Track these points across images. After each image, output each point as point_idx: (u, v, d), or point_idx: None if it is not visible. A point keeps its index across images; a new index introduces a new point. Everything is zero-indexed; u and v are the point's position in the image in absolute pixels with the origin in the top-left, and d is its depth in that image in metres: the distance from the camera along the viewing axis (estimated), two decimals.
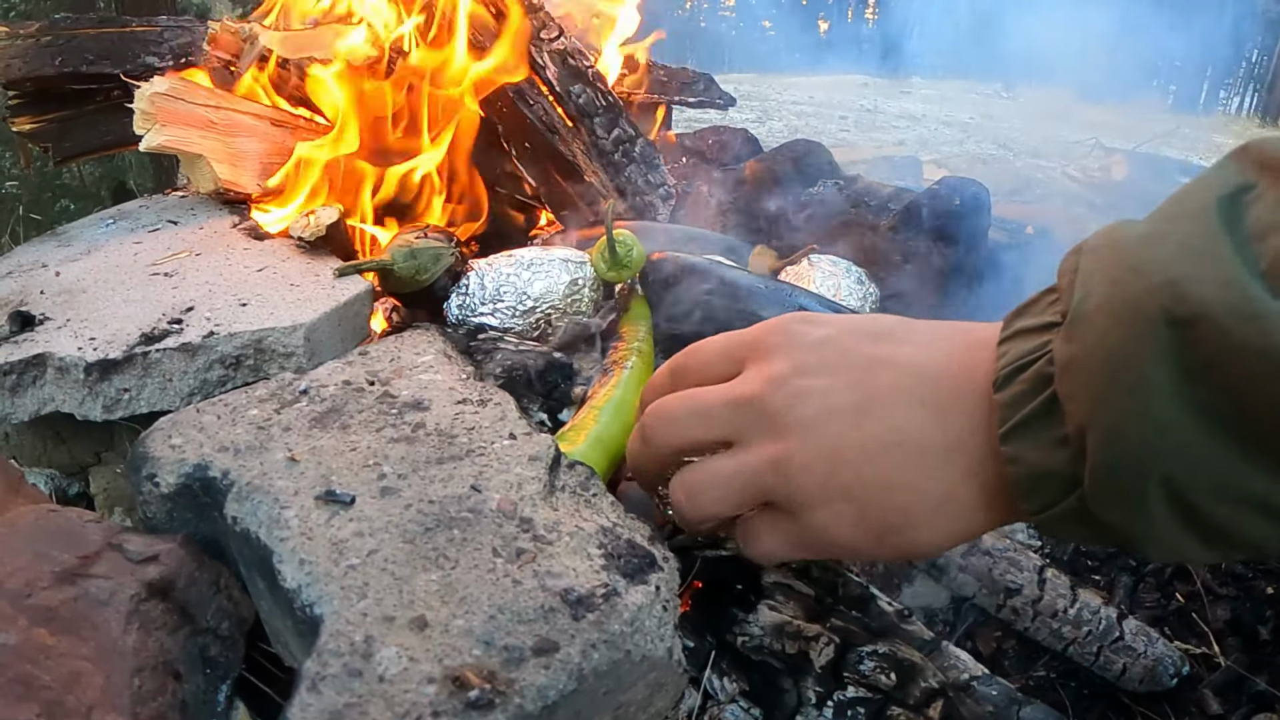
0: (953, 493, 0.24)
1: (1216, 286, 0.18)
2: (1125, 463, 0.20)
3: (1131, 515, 0.21)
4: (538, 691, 0.38)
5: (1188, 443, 0.19)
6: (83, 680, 0.48)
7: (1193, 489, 0.20)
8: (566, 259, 0.71)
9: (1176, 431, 0.19)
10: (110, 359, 0.61)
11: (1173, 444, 0.19)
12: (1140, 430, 0.19)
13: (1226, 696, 0.73)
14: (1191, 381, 0.19)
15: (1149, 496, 0.20)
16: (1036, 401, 0.21)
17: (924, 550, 0.26)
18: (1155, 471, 0.20)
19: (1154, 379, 0.19)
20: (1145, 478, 0.20)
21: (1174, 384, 0.19)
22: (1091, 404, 0.20)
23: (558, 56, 0.86)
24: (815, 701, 0.58)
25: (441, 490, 0.48)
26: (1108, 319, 0.20)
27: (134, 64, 0.82)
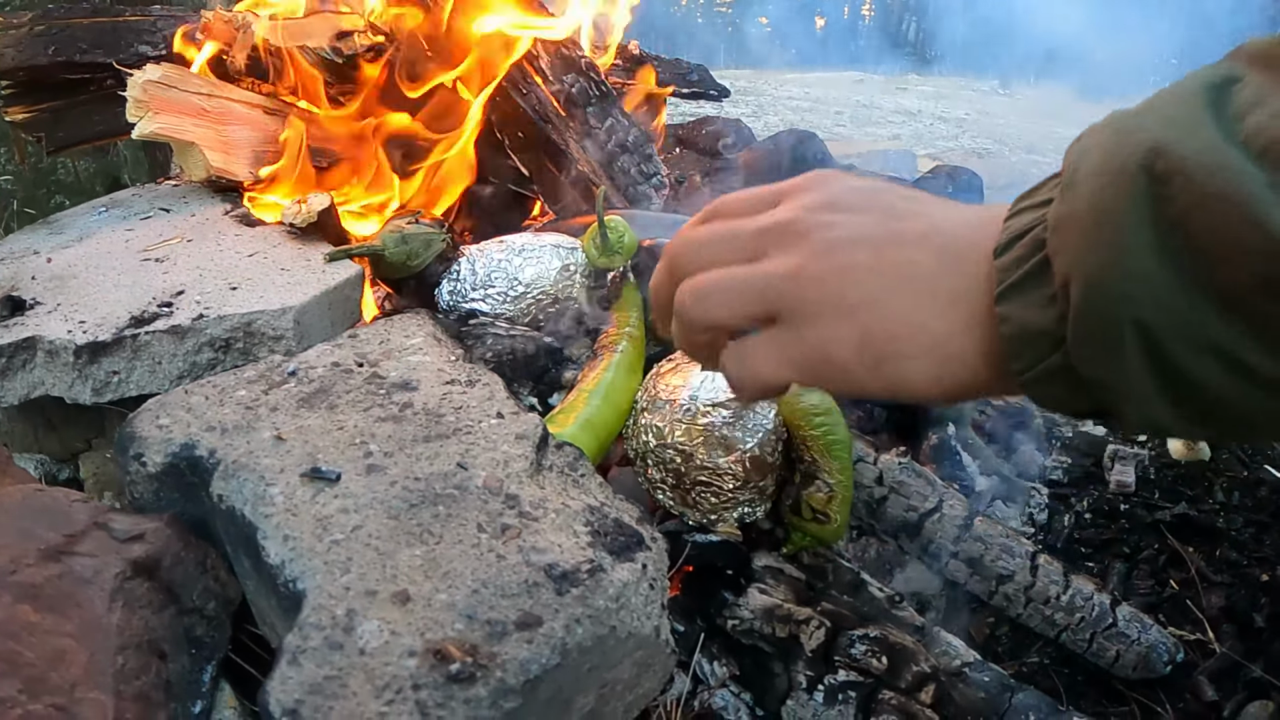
0: (952, 337, 0.25)
1: (1195, 148, 0.20)
2: (1102, 307, 0.21)
3: (1107, 366, 0.22)
4: (520, 665, 0.38)
5: (1161, 289, 0.21)
6: (66, 657, 0.48)
7: (1164, 335, 0.21)
8: (558, 245, 0.71)
9: (1151, 279, 0.21)
10: (99, 341, 0.61)
11: (1147, 291, 0.21)
12: (1117, 277, 0.21)
13: (1221, 683, 0.73)
14: (1167, 232, 0.20)
15: (1124, 343, 0.21)
16: (1030, 264, 0.23)
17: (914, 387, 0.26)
18: (1129, 315, 0.21)
19: (1133, 229, 0.20)
20: (1120, 322, 0.21)
21: (1151, 234, 0.20)
22: (1075, 254, 0.21)
23: (551, 47, 0.86)
24: (806, 685, 0.58)
25: (428, 467, 0.48)
26: (1096, 179, 0.22)
27: (127, 53, 0.82)
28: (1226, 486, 0.89)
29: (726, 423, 0.58)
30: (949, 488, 0.70)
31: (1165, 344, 0.21)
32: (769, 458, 0.60)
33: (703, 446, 0.58)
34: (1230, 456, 0.93)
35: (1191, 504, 0.86)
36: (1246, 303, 0.20)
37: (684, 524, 0.61)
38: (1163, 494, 0.86)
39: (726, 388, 0.59)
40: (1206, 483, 0.89)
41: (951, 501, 0.68)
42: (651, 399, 0.61)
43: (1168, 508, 0.85)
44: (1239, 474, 0.90)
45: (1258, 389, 0.21)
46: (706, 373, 0.61)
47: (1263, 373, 0.21)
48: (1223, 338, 0.21)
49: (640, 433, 0.60)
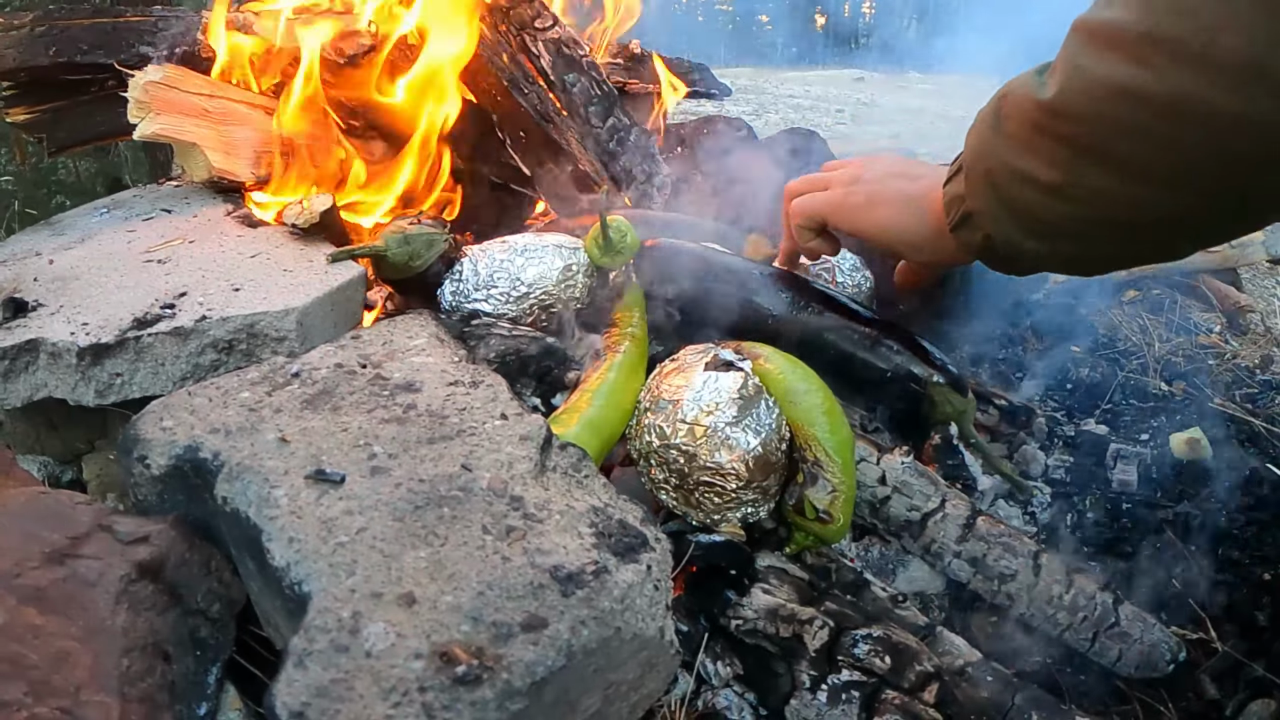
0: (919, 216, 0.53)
1: (1019, 81, 0.40)
2: (973, 166, 0.43)
3: (979, 200, 0.43)
4: (526, 667, 0.38)
5: (993, 149, 0.41)
6: (71, 660, 0.48)
7: (996, 173, 0.41)
8: (560, 245, 0.71)
9: (991, 145, 0.41)
10: (102, 343, 0.61)
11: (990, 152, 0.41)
12: (979, 151, 0.43)
13: (1224, 682, 0.73)
14: (998, 121, 0.41)
15: (983, 184, 0.42)
16: (956, 168, 0.46)
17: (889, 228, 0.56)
18: (983, 166, 0.42)
19: (987, 127, 0.42)
20: (980, 171, 0.42)
21: (993, 123, 0.41)
22: (967, 150, 0.44)
23: (552, 45, 0.86)
24: (809, 685, 0.58)
25: (432, 469, 0.48)
26: (980, 114, 0.44)
27: (128, 53, 0.82)
28: (1229, 485, 0.89)
29: (729, 423, 0.58)
30: (951, 487, 0.70)
31: (996, 175, 0.41)
32: (772, 458, 0.60)
33: (705, 447, 0.58)
34: (1233, 455, 0.93)
35: (1194, 503, 0.85)
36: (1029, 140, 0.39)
37: (687, 524, 0.61)
38: (1165, 493, 0.86)
39: (729, 389, 0.59)
40: (1208, 482, 0.88)
41: (954, 501, 0.68)
42: (654, 399, 0.61)
43: (1170, 506, 0.84)
44: (1241, 472, 0.90)
45: (1048, 197, 0.39)
46: (709, 373, 0.61)
47: (1044, 180, 0.38)
48: (1020, 162, 0.39)
49: (643, 433, 0.60)
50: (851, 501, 0.61)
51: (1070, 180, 0.37)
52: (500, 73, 0.83)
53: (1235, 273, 1.36)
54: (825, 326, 0.73)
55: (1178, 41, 0.32)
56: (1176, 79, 0.33)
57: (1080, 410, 0.95)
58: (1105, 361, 1.03)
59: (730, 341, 0.67)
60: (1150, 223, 0.37)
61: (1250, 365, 1.07)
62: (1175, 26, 0.32)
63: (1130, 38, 0.34)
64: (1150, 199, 0.36)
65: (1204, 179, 0.34)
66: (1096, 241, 0.40)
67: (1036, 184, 0.39)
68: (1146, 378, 1.01)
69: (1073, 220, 0.39)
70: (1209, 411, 0.95)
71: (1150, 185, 0.36)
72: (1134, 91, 0.34)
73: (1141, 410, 0.96)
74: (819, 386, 0.64)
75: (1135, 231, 0.38)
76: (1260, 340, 1.13)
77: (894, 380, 0.72)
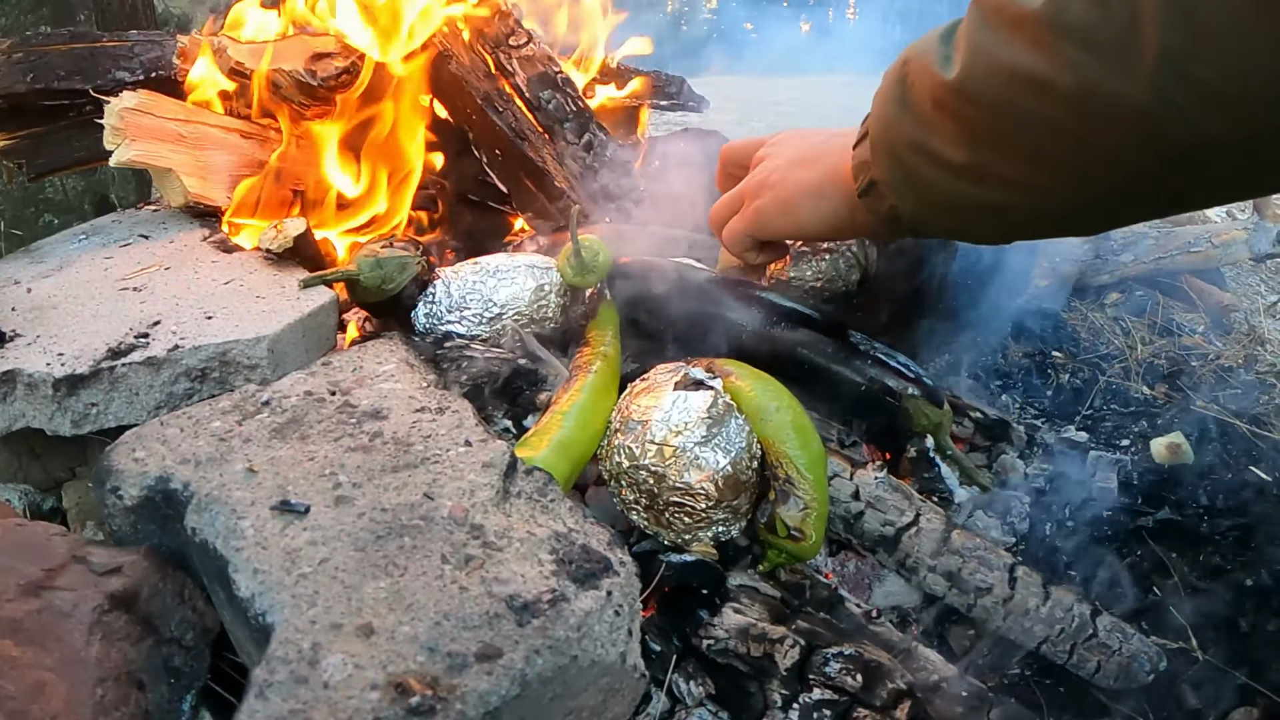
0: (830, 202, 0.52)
1: (921, 48, 0.39)
2: (878, 136, 0.42)
3: (881, 169, 0.42)
4: (479, 697, 0.38)
5: (897, 120, 0.40)
6: (46, 690, 0.48)
7: (897, 144, 0.40)
8: (532, 265, 0.71)
9: (894, 117, 0.40)
10: (77, 374, 0.62)
11: (893, 123, 0.40)
12: (883, 120, 0.41)
13: (1205, 691, 0.73)
14: (903, 92, 0.40)
15: (884, 154, 0.42)
16: (863, 133, 0.44)
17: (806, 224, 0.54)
18: (887, 138, 0.41)
19: (891, 96, 0.41)
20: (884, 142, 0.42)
21: (897, 93, 0.40)
22: (872, 119, 0.43)
23: (527, 63, 0.87)
24: (781, 704, 0.58)
25: (395, 498, 0.48)
26: (883, 82, 0.42)
27: (105, 79, 0.82)
28: (1211, 490, 0.88)
29: (698, 443, 0.59)
30: (926, 500, 0.70)
31: (900, 149, 0.40)
32: (743, 476, 0.60)
33: (674, 467, 0.58)
34: (1214, 459, 0.92)
35: (1175, 509, 0.85)
36: (933, 117, 0.38)
37: (659, 544, 0.61)
38: (1146, 499, 0.86)
39: (698, 408, 0.60)
40: (1190, 487, 0.88)
41: (929, 515, 0.68)
42: (624, 420, 0.61)
43: (1150, 513, 0.84)
44: (1224, 477, 0.90)
45: (953, 177, 0.38)
46: (678, 393, 0.61)
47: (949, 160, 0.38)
48: (919, 135, 0.39)
49: (613, 454, 0.60)
50: (824, 518, 0.62)
51: (975, 163, 0.37)
52: (475, 91, 0.84)
53: (1219, 272, 1.36)
54: (799, 342, 0.73)
55: (1087, 30, 0.31)
56: (1085, 70, 0.31)
57: (1061, 417, 0.95)
58: (1086, 366, 1.03)
59: (701, 359, 0.67)
60: (1059, 209, 0.37)
61: (1234, 365, 1.07)
62: (1084, 14, 0.31)
63: (1035, 22, 0.32)
64: (1058, 189, 0.35)
65: (1115, 173, 0.33)
66: (1004, 220, 0.39)
67: (941, 163, 0.38)
68: (1129, 382, 1.01)
69: (979, 201, 0.38)
70: (1192, 415, 0.95)
71: (1058, 176, 0.35)
72: (1040, 81, 0.33)
73: (1123, 415, 0.96)
74: (790, 403, 0.64)
75: (1044, 214, 0.38)
76: (1244, 340, 1.13)
77: (869, 394, 0.72)
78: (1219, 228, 1.33)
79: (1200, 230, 1.33)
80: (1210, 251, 1.28)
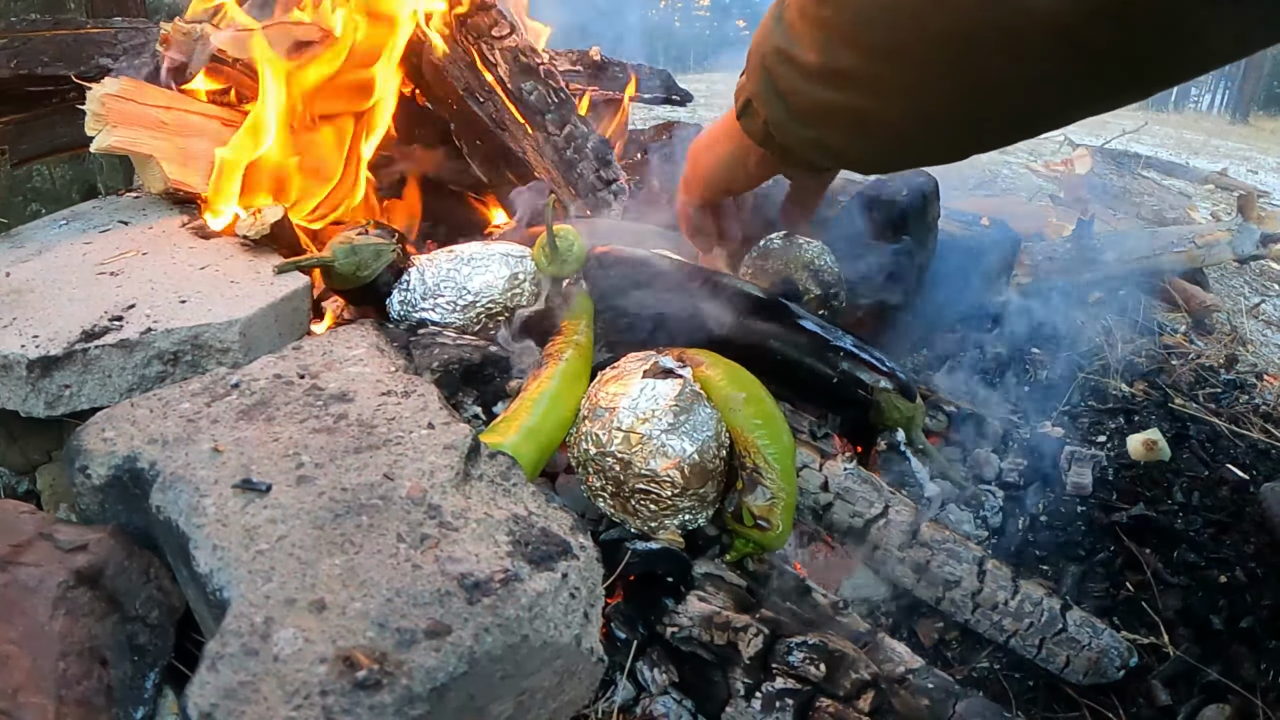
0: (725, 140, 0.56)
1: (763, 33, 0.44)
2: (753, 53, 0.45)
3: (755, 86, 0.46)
4: (426, 673, 0.38)
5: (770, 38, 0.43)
6: (10, 663, 0.49)
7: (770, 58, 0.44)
8: (507, 254, 0.72)
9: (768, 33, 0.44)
10: (51, 356, 0.62)
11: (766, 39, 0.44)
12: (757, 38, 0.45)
13: (1176, 687, 0.73)
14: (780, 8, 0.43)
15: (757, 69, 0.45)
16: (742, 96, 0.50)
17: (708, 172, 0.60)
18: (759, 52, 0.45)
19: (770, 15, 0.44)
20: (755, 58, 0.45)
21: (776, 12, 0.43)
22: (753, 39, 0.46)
23: (509, 53, 0.87)
24: (744, 693, 0.58)
25: (355, 478, 0.48)
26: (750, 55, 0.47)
27: (88, 65, 0.83)
28: (1186, 486, 0.89)
29: (665, 430, 0.59)
30: (896, 493, 0.70)
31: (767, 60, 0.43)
32: (710, 465, 0.61)
33: (640, 454, 0.58)
34: (1191, 457, 0.92)
35: (1150, 505, 0.85)
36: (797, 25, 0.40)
37: (626, 532, 0.61)
38: (1120, 495, 0.86)
39: (667, 396, 0.60)
40: (1166, 483, 0.88)
41: (898, 507, 0.69)
42: (592, 407, 0.61)
43: (1125, 509, 0.85)
44: (1199, 474, 0.90)
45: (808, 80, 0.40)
46: (647, 380, 0.61)
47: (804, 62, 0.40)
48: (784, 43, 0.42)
49: (581, 440, 0.61)
50: (792, 508, 0.62)
51: (824, 62, 0.38)
52: (456, 81, 0.84)
53: (1202, 272, 1.36)
54: (772, 333, 0.73)
55: None
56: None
57: (1037, 412, 0.95)
58: (1065, 363, 1.03)
59: (673, 349, 0.68)
60: (902, 113, 0.37)
61: (1215, 365, 1.07)
62: None
63: None
64: (897, 83, 0.36)
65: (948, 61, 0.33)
66: (863, 131, 0.40)
67: (798, 66, 0.40)
68: (1107, 379, 1.01)
69: (832, 106, 0.39)
70: (1169, 412, 0.95)
71: (894, 63, 0.35)
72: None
73: (1100, 412, 0.96)
74: (759, 394, 0.65)
75: (890, 124, 0.38)
76: (1226, 339, 1.13)
77: (842, 386, 0.73)
78: (1203, 229, 1.33)
79: (1184, 231, 1.33)
80: (1194, 252, 1.29)
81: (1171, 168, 2.91)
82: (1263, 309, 1.37)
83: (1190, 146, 5.12)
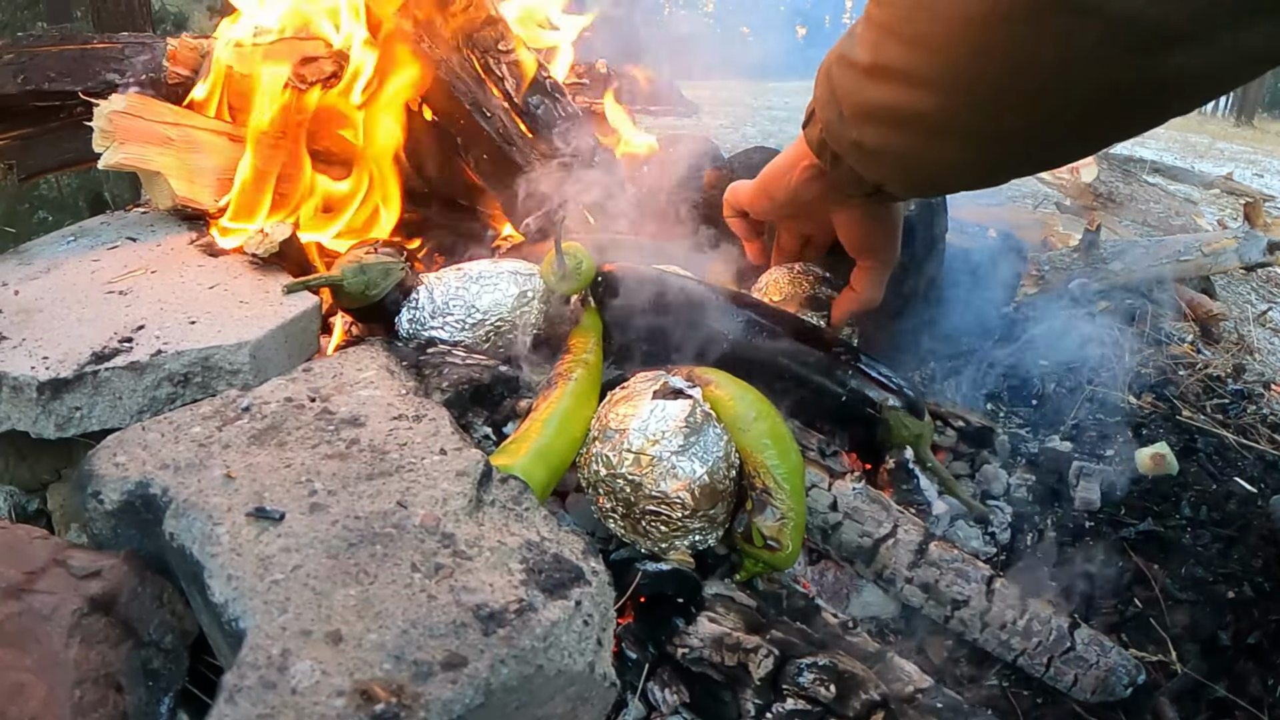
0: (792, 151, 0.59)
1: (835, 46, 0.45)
2: (822, 64, 0.47)
3: (818, 92, 0.47)
4: (443, 706, 0.38)
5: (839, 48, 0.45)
6: (25, 692, 0.49)
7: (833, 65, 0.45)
8: (515, 271, 0.72)
9: (839, 46, 0.45)
10: (61, 378, 0.62)
11: (836, 50, 0.45)
12: (829, 54, 0.46)
13: (1184, 704, 0.73)
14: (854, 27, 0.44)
15: (822, 79, 0.46)
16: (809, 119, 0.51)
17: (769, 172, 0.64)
18: (827, 63, 0.46)
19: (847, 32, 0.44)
20: (824, 69, 0.47)
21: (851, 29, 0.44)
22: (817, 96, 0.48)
23: (515, 67, 0.87)
24: (754, 713, 0.59)
25: (369, 506, 0.49)
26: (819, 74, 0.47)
27: (95, 81, 0.83)
28: (1194, 501, 0.88)
29: (675, 452, 0.59)
30: (905, 512, 0.70)
31: (831, 67, 0.45)
32: (720, 485, 0.61)
33: (651, 476, 0.58)
34: (1199, 470, 0.92)
35: (1158, 520, 0.85)
36: (858, 31, 0.41)
37: (636, 552, 0.62)
38: (1129, 510, 0.86)
39: (676, 417, 0.60)
40: (1174, 498, 0.88)
41: (906, 526, 0.69)
42: (602, 428, 0.61)
43: (1133, 524, 0.85)
44: (1207, 487, 0.90)
45: (862, 78, 0.41)
46: (656, 401, 0.61)
47: (859, 62, 0.41)
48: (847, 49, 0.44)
49: (591, 462, 0.61)
50: (801, 528, 0.62)
51: (874, 59, 0.39)
52: (463, 96, 0.84)
53: (1209, 280, 1.36)
54: (780, 350, 0.73)
55: None
56: None
57: (1045, 426, 0.95)
58: (1073, 375, 1.03)
59: (682, 367, 0.68)
60: (949, 115, 0.38)
61: (1222, 375, 1.07)
62: None
63: None
64: (945, 79, 0.36)
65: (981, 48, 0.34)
66: (898, 131, 0.41)
67: (854, 66, 0.42)
68: (1114, 391, 1.01)
69: (883, 104, 0.40)
70: (1177, 424, 0.95)
71: (939, 57, 0.36)
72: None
73: (1108, 425, 0.96)
74: (768, 413, 0.65)
75: (939, 128, 0.39)
76: (1233, 349, 1.13)
77: (850, 404, 0.73)
78: (1209, 236, 1.33)
79: (1190, 239, 1.33)
80: (1200, 260, 1.28)
81: (1177, 172, 2.90)
82: (1270, 316, 1.37)
83: (1196, 149, 5.12)
